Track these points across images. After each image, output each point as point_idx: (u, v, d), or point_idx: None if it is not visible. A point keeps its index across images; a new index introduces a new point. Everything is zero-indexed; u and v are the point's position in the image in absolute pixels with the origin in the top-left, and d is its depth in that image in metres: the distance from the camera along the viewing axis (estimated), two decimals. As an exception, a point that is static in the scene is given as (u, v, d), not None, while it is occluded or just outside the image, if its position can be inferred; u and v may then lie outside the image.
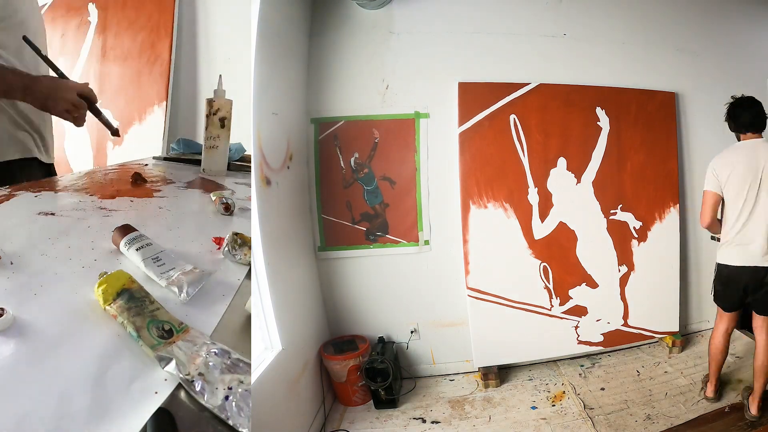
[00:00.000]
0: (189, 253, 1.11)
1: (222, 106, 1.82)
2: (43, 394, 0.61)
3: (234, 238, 1.12)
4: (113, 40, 3.60)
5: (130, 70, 3.55)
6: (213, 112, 1.83)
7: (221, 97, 1.83)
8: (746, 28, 2.63)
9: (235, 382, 0.66)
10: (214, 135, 1.85)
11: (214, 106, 1.83)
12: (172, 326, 0.77)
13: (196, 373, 0.67)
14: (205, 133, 1.87)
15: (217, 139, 1.86)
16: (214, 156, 1.89)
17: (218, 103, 1.82)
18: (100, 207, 1.38)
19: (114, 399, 0.62)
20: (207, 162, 1.91)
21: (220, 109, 1.82)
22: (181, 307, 0.87)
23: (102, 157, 3.54)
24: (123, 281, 0.83)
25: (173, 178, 1.90)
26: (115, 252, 1.06)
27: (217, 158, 1.90)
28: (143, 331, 0.74)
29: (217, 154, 1.88)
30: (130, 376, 0.67)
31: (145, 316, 0.77)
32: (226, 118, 1.83)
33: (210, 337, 0.78)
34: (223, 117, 1.83)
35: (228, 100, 1.86)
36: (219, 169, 1.93)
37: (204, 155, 1.93)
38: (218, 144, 1.87)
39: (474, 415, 2.20)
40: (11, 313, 0.74)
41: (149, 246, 1.02)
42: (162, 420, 0.60)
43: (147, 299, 0.81)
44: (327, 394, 2.27)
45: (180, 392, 0.66)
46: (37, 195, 1.43)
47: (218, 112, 1.82)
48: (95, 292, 0.82)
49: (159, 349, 0.71)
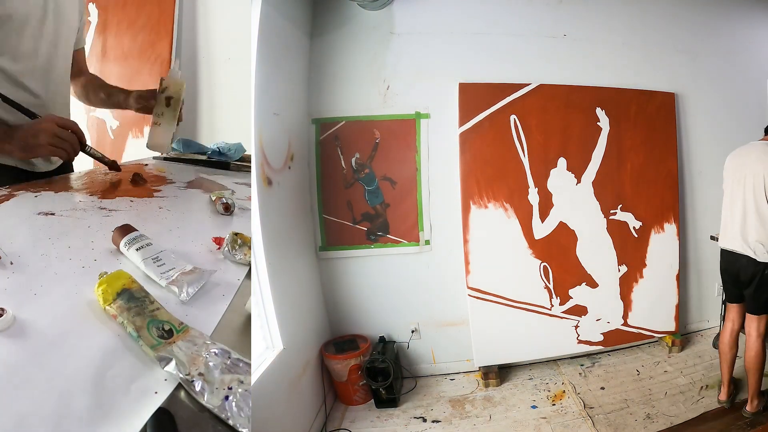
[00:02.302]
0: (189, 253, 1.11)
1: (170, 86, 1.86)
2: (43, 394, 0.61)
3: (234, 238, 1.12)
4: (113, 40, 3.60)
5: (130, 70, 3.55)
6: (161, 90, 1.86)
7: (174, 78, 1.87)
8: (746, 29, 2.63)
9: (235, 382, 0.66)
10: (159, 112, 1.88)
11: (163, 84, 1.87)
12: (172, 326, 0.77)
13: (196, 373, 0.67)
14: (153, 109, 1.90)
15: (161, 117, 1.89)
16: (156, 132, 1.91)
17: (167, 82, 1.86)
18: (100, 207, 1.38)
19: (114, 399, 0.62)
20: (150, 137, 1.94)
21: (168, 88, 1.85)
22: (181, 307, 0.87)
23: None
24: (123, 281, 0.83)
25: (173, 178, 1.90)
26: (115, 252, 1.06)
27: (159, 134, 1.92)
28: (143, 331, 0.74)
29: (161, 131, 1.91)
30: (130, 376, 0.67)
31: (145, 316, 0.77)
32: (172, 97, 1.86)
33: (210, 337, 0.78)
34: (169, 96, 1.86)
35: (180, 81, 1.90)
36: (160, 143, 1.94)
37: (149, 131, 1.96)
38: (161, 121, 1.90)
39: (474, 415, 2.20)
40: (11, 313, 0.74)
41: (149, 246, 1.02)
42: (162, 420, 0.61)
43: (147, 299, 0.81)
44: (328, 393, 2.28)
45: (180, 392, 0.66)
46: (37, 195, 1.43)
47: (165, 91, 1.85)
48: (95, 292, 0.82)
49: (159, 349, 0.71)
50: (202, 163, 2.24)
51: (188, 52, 3.54)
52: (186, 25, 3.51)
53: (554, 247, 2.46)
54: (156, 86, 1.90)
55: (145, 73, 3.50)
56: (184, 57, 3.53)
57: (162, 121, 1.90)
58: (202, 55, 3.53)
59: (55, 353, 0.69)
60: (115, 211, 1.36)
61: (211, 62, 3.51)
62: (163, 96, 1.87)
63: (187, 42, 3.53)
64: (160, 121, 1.90)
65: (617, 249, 2.51)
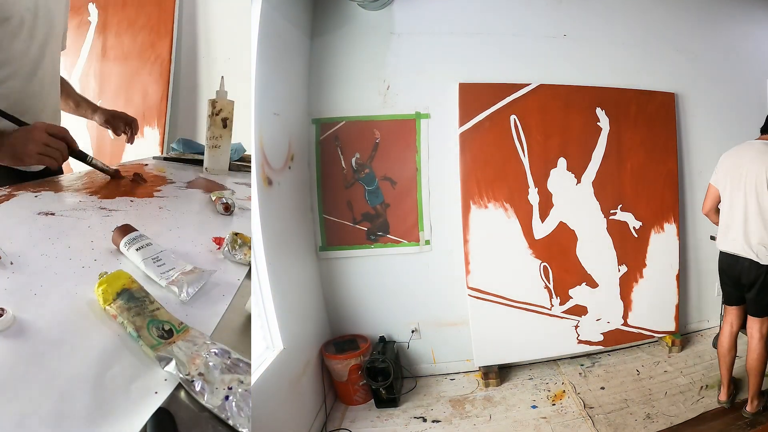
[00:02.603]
0: (189, 253, 1.11)
1: (224, 107, 1.85)
2: (43, 394, 0.61)
3: (234, 238, 1.12)
4: (113, 40, 3.60)
5: (130, 70, 3.55)
6: (216, 112, 1.85)
7: (223, 98, 1.86)
8: (746, 29, 2.63)
9: (235, 382, 0.66)
10: (217, 135, 1.88)
11: (216, 106, 1.86)
12: (172, 326, 0.77)
13: (196, 373, 0.67)
14: (207, 132, 1.89)
15: (219, 139, 1.89)
16: (216, 155, 1.92)
17: (221, 104, 1.85)
18: (100, 207, 1.38)
19: (114, 399, 0.62)
20: (210, 161, 1.94)
21: (223, 110, 1.85)
22: (181, 307, 0.87)
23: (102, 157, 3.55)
24: (123, 281, 0.83)
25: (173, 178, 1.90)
26: (115, 252, 1.06)
27: (219, 158, 1.93)
28: (143, 331, 0.74)
29: (219, 153, 1.92)
30: (130, 376, 0.67)
31: (145, 316, 0.77)
32: (228, 118, 1.86)
33: (210, 337, 0.78)
34: (225, 117, 1.85)
35: (230, 101, 1.89)
36: (221, 168, 1.95)
37: (207, 155, 1.96)
38: (220, 144, 1.90)
39: (474, 414, 2.20)
40: (11, 313, 0.74)
41: (149, 246, 1.02)
42: (162, 420, 0.60)
43: (147, 299, 0.81)
44: (328, 393, 2.28)
45: (180, 392, 0.66)
46: (37, 195, 1.43)
47: (221, 113, 1.85)
48: (95, 292, 0.82)
49: (159, 349, 0.71)
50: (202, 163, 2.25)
51: (188, 52, 3.54)
52: (186, 25, 3.51)
53: (554, 247, 2.46)
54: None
55: (145, 73, 3.50)
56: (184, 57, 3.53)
57: (221, 143, 1.90)
58: (202, 55, 3.53)
59: (55, 353, 0.69)
60: (115, 211, 1.36)
61: (211, 62, 3.52)
62: (219, 118, 1.85)
63: (187, 42, 3.53)
64: (220, 144, 1.90)
65: (617, 249, 2.51)
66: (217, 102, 1.88)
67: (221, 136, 1.88)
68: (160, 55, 3.45)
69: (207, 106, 1.94)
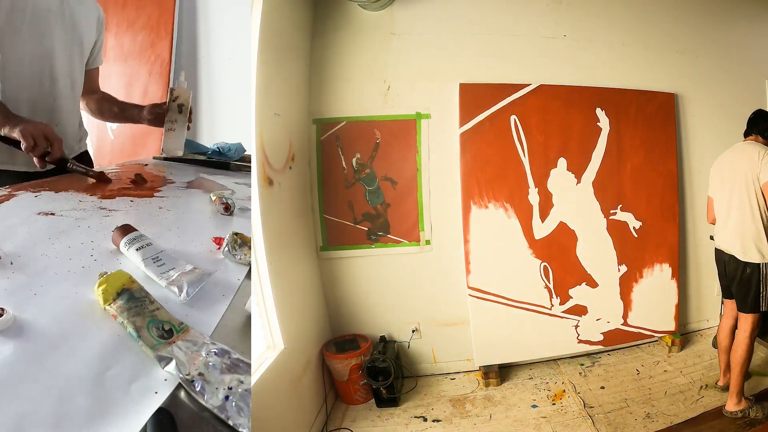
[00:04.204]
0: (189, 253, 1.11)
1: (180, 94, 2.04)
2: (43, 394, 0.61)
3: (234, 238, 1.13)
4: (113, 40, 3.60)
5: (130, 70, 3.56)
6: (173, 99, 2.04)
7: (180, 87, 2.05)
8: (746, 29, 2.63)
9: (235, 382, 0.67)
10: (172, 119, 2.06)
11: (173, 94, 2.05)
12: (172, 326, 0.77)
13: (196, 373, 0.67)
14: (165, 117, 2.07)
15: (174, 123, 2.07)
16: (171, 137, 2.09)
17: (177, 92, 2.05)
18: (100, 207, 1.38)
19: (114, 399, 0.62)
20: (165, 143, 2.11)
21: (179, 97, 2.04)
22: (181, 307, 0.87)
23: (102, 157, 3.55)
24: (123, 281, 0.83)
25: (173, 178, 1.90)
26: (115, 252, 1.06)
27: (173, 139, 2.10)
28: (143, 331, 0.74)
29: (174, 135, 2.09)
30: (130, 376, 0.67)
31: (145, 316, 0.77)
32: (183, 104, 2.04)
33: (210, 337, 0.78)
34: (181, 103, 2.04)
35: (188, 90, 2.07)
36: (175, 148, 2.11)
37: (163, 137, 2.12)
38: (175, 127, 2.08)
39: (475, 414, 2.20)
40: (11, 313, 0.74)
41: (149, 246, 1.02)
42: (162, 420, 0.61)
43: (147, 299, 0.81)
44: (329, 392, 2.28)
45: (180, 392, 0.66)
46: (37, 195, 1.43)
47: (177, 99, 2.03)
48: (95, 292, 0.82)
49: (159, 349, 0.72)
50: (202, 163, 2.25)
51: (188, 52, 3.54)
52: (186, 25, 3.51)
53: (554, 247, 2.46)
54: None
55: (145, 73, 3.50)
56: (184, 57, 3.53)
57: (176, 126, 2.09)
58: (202, 55, 3.53)
59: (55, 353, 0.69)
60: (115, 211, 1.36)
61: (211, 62, 3.52)
62: (175, 104, 2.05)
63: (187, 42, 3.53)
64: (174, 127, 2.09)
65: (617, 249, 2.51)
66: (174, 90, 2.07)
67: (176, 120, 2.06)
68: (160, 55, 3.45)
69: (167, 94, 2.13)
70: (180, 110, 2.06)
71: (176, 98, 2.05)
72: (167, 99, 2.08)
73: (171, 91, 2.09)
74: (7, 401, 0.59)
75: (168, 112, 2.06)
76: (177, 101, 2.05)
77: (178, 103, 2.04)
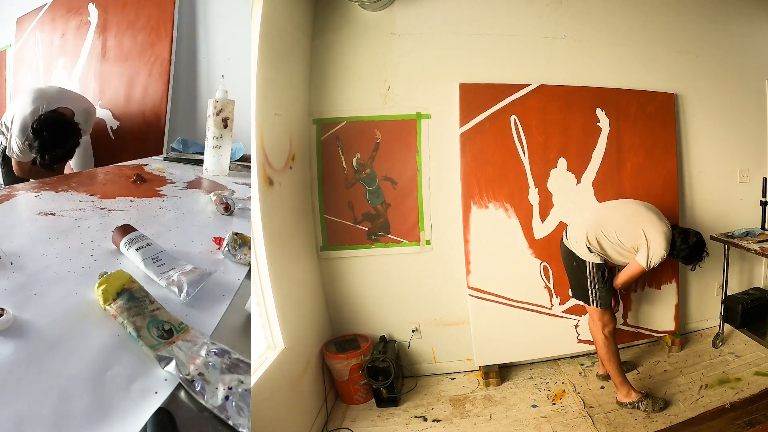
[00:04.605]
0: (189, 253, 1.11)
1: (225, 107, 1.83)
2: (43, 394, 0.61)
3: (234, 238, 1.13)
4: (113, 40, 3.60)
5: (130, 70, 3.56)
6: (216, 112, 1.82)
7: (224, 98, 1.83)
8: (745, 29, 2.63)
9: (235, 382, 0.67)
10: (217, 135, 1.84)
11: (217, 106, 1.83)
12: (172, 326, 0.77)
13: (196, 373, 0.67)
14: (208, 133, 1.86)
15: (219, 140, 1.86)
16: (217, 156, 1.88)
17: (221, 104, 1.82)
18: (100, 207, 1.38)
19: (114, 399, 0.62)
20: (210, 163, 1.90)
21: (223, 110, 1.82)
22: (181, 307, 0.87)
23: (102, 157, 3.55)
24: (123, 281, 0.83)
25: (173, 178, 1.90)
26: (115, 252, 1.06)
27: (220, 159, 1.89)
28: (143, 331, 0.74)
29: (220, 154, 1.88)
30: (130, 376, 0.67)
31: (145, 316, 0.77)
32: (228, 118, 1.84)
33: (210, 337, 0.78)
34: (225, 117, 1.83)
35: (231, 100, 1.87)
36: (221, 168, 1.93)
37: (208, 156, 1.93)
38: (221, 144, 1.86)
39: (475, 414, 2.20)
40: (11, 313, 0.74)
41: (149, 246, 1.02)
42: (162, 420, 0.61)
43: (147, 299, 0.81)
44: (329, 392, 2.28)
45: (180, 392, 0.66)
46: (37, 195, 1.43)
47: (221, 113, 1.82)
48: (95, 292, 0.82)
49: (159, 349, 0.72)
50: (202, 163, 2.25)
51: (188, 52, 3.54)
52: (186, 25, 3.51)
53: (554, 246, 2.45)
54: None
55: (145, 73, 3.50)
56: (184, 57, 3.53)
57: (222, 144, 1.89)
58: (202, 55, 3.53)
59: (55, 353, 0.69)
60: (115, 211, 1.36)
61: (211, 62, 3.52)
62: (219, 118, 1.84)
63: (187, 42, 3.53)
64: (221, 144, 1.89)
65: (617, 249, 2.51)
66: (217, 101, 1.86)
67: (221, 137, 1.86)
68: (160, 55, 3.45)
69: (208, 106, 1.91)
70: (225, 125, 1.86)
71: (220, 111, 1.85)
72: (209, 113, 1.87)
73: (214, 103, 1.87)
74: (7, 401, 0.59)
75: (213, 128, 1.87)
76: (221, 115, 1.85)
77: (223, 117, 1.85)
